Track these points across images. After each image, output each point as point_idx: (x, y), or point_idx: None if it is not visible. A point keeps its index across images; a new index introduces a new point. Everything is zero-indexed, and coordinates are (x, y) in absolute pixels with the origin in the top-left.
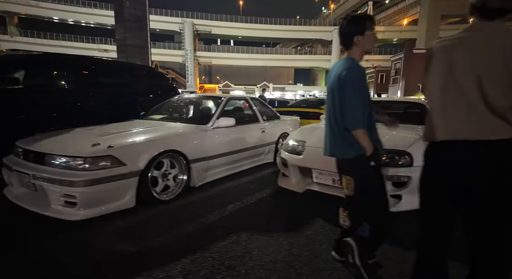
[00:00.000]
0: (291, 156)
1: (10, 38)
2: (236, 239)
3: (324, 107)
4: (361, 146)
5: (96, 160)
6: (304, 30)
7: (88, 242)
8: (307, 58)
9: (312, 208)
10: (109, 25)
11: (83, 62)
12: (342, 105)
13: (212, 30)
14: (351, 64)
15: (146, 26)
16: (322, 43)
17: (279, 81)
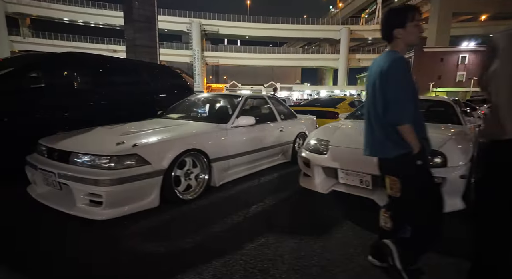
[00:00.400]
0: (314, 156)
1: (23, 39)
2: (264, 241)
3: (339, 106)
4: (406, 144)
5: (122, 158)
6: (312, 29)
7: (115, 243)
8: (315, 58)
9: (337, 210)
10: (117, 26)
11: (102, 61)
12: (385, 100)
13: (219, 30)
14: (393, 56)
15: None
16: (330, 42)
17: (286, 81)
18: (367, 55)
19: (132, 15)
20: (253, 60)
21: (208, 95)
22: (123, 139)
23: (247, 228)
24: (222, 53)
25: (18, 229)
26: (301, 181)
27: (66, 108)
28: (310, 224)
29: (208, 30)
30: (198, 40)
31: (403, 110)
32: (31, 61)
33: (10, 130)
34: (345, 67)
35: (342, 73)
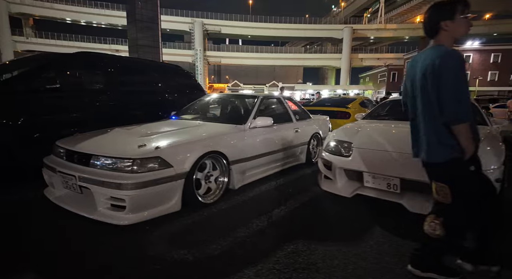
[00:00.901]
0: (336, 158)
1: (26, 40)
2: (294, 248)
3: (350, 105)
4: (458, 147)
5: (144, 161)
6: (314, 29)
7: (141, 250)
8: (317, 57)
9: (363, 214)
10: (120, 26)
11: (115, 61)
12: (442, 97)
13: (221, 30)
14: (444, 50)
15: (157, 26)
16: (332, 42)
17: (288, 81)
18: (369, 55)
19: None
20: (255, 60)
21: (222, 95)
22: (143, 141)
23: (273, 233)
24: (224, 52)
25: (32, 232)
26: (322, 184)
27: (81, 108)
28: (338, 230)
29: (210, 29)
30: (200, 40)
31: (464, 107)
32: (45, 61)
33: (27, 130)
34: (348, 66)
35: (345, 73)
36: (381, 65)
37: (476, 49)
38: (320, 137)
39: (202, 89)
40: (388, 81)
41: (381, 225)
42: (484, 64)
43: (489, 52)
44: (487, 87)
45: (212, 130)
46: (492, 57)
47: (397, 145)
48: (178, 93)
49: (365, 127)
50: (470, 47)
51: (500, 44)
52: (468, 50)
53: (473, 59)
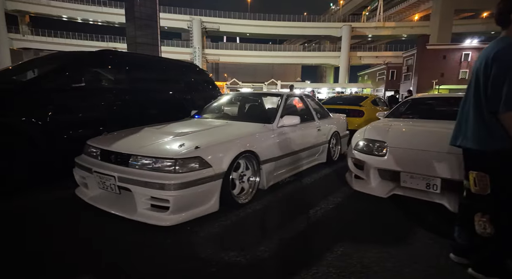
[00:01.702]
0: (370, 158)
1: (22, 37)
2: (343, 250)
3: (363, 103)
4: (507, 137)
5: (186, 161)
6: (313, 27)
7: (190, 251)
8: (316, 55)
9: (400, 215)
10: (117, 23)
11: (137, 59)
12: (495, 85)
13: (220, 28)
14: (508, 41)
15: (156, 24)
16: (330, 40)
17: (286, 79)
18: (368, 53)
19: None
20: (254, 58)
21: (244, 94)
22: (180, 140)
23: (316, 235)
24: (223, 50)
25: (75, 231)
26: (353, 184)
27: (105, 107)
28: (380, 230)
29: (209, 27)
30: (199, 38)
31: None
32: (70, 59)
33: (54, 129)
34: (346, 64)
35: (343, 71)
36: (380, 63)
37: (474, 47)
38: (339, 135)
39: (215, 85)
40: (387, 79)
41: (421, 225)
42: None
43: None
44: None
45: (244, 130)
46: None
47: (436, 144)
48: (195, 90)
49: (395, 126)
50: (469, 45)
51: None
52: (467, 48)
53: (472, 57)
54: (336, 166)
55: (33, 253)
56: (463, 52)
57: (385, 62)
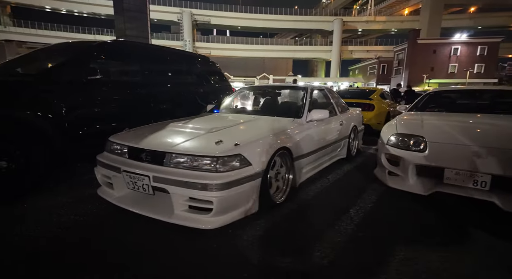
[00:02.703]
0: (409, 154)
1: (4, 29)
2: (404, 254)
3: (373, 96)
4: None
5: (228, 159)
6: (305, 20)
7: (240, 256)
8: (307, 49)
9: (445, 213)
10: (103, 15)
11: (149, 50)
12: None
13: (211, 20)
14: None
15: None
16: (322, 34)
17: (277, 73)
18: (359, 47)
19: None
20: (245, 52)
21: (264, 87)
22: (214, 137)
23: (367, 237)
24: (214, 44)
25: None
26: (388, 181)
27: (122, 101)
28: (431, 231)
29: (200, 20)
30: (189, 31)
31: None
32: (82, 50)
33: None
34: (338, 58)
35: (335, 65)
36: (370, 57)
37: (463, 42)
38: (357, 130)
39: (225, 77)
40: (378, 73)
41: (470, 225)
42: (471, 56)
43: (475, 45)
44: (474, 79)
45: (276, 125)
46: (478, 50)
47: (484, 139)
48: (208, 83)
49: (428, 120)
50: (458, 40)
51: (486, 37)
52: (456, 43)
53: (461, 52)
54: (356, 162)
55: (71, 259)
56: (452, 47)
57: (377, 56)
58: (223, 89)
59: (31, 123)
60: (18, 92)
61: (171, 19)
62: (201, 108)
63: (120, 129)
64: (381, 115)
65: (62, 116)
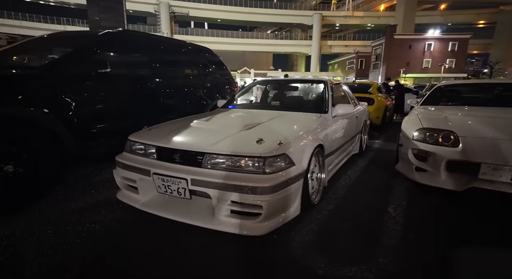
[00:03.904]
0: (441, 149)
1: None
2: (464, 256)
3: (371, 90)
4: None
5: (274, 159)
6: (285, 14)
7: (299, 267)
8: (288, 43)
9: (484, 210)
10: (72, 4)
11: (157, 42)
12: None
13: (189, 12)
14: None
15: (121, 6)
16: (302, 28)
17: (258, 67)
18: (338, 42)
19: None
20: (226, 45)
21: (280, 81)
22: (252, 134)
23: (417, 239)
24: (194, 37)
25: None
26: (417, 177)
27: (132, 96)
28: (484, 230)
29: (178, 12)
30: (167, 23)
31: None
32: (89, 40)
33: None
34: (318, 53)
35: (315, 59)
36: (349, 52)
37: (436, 38)
38: (367, 124)
39: (228, 70)
40: (357, 68)
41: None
42: (443, 52)
43: (447, 41)
44: (446, 74)
45: (305, 121)
46: (450, 45)
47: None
48: (213, 77)
49: (453, 114)
50: (432, 36)
51: (457, 34)
52: (429, 39)
53: (434, 47)
54: (367, 156)
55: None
56: (426, 42)
57: (355, 51)
58: (227, 82)
59: (38, 122)
60: (20, 87)
61: (147, 11)
62: (207, 102)
63: (132, 126)
64: (380, 109)
65: (72, 114)
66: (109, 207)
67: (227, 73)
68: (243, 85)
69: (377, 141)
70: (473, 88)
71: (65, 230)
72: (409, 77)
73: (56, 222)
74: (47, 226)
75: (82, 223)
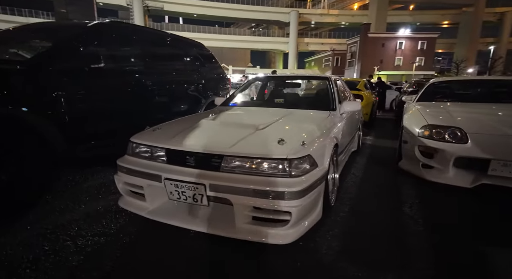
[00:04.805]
0: (450, 146)
1: None
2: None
3: (360, 87)
4: None
5: (299, 162)
6: (263, 11)
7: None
8: (266, 40)
9: (494, 210)
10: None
11: (151, 35)
12: None
13: (164, 7)
14: None
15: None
16: (279, 25)
17: (236, 64)
18: (314, 39)
19: None
20: (203, 41)
21: (283, 77)
22: (269, 135)
23: (447, 240)
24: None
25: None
26: (425, 174)
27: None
28: (497, 227)
29: (152, 6)
30: (141, 17)
31: None
32: (78, 32)
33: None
34: (295, 50)
35: (292, 57)
36: (325, 50)
37: (407, 37)
38: (362, 121)
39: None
40: (333, 65)
41: None
42: (413, 50)
43: (417, 39)
44: (416, 71)
45: (317, 119)
46: (419, 44)
47: None
48: (207, 72)
49: (455, 110)
50: (403, 34)
51: (426, 33)
52: (401, 37)
53: (405, 46)
54: (365, 153)
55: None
56: (398, 41)
57: (331, 49)
58: (220, 78)
59: (24, 121)
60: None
61: (119, 4)
62: (202, 100)
63: (127, 126)
64: (369, 106)
65: (63, 113)
66: (109, 216)
67: (220, 68)
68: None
69: (368, 138)
70: (465, 84)
71: (64, 246)
72: (382, 74)
73: (52, 236)
74: (42, 242)
75: (84, 236)
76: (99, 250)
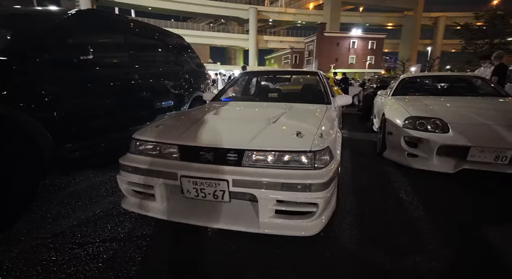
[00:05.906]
0: (433, 135)
1: None
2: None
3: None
4: None
5: (322, 154)
6: (221, 7)
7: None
8: (225, 36)
9: (473, 191)
10: None
11: (137, 27)
12: None
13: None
14: None
15: None
16: (238, 21)
17: None
18: (273, 37)
19: None
20: None
21: (273, 72)
22: (284, 128)
23: (448, 221)
24: None
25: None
26: (411, 163)
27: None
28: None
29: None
30: (88, 7)
31: None
32: (62, 20)
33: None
34: (255, 47)
35: (253, 54)
36: (284, 48)
37: (359, 37)
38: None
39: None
40: (291, 63)
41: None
42: (365, 49)
43: (367, 39)
44: (369, 70)
45: (319, 113)
46: (369, 44)
47: (499, 118)
48: (190, 66)
49: (432, 103)
50: (355, 34)
51: (375, 33)
52: (354, 37)
53: (358, 45)
54: (344, 145)
55: None
56: (351, 40)
57: (290, 47)
58: (201, 72)
59: (10, 120)
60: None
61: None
62: (186, 95)
63: (117, 124)
64: None
65: (52, 110)
66: (113, 219)
67: (200, 62)
68: None
69: (343, 131)
70: (431, 79)
71: (73, 253)
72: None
73: (56, 246)
74: (47, 252)
75: (92, 242)
76: (116, 255)
